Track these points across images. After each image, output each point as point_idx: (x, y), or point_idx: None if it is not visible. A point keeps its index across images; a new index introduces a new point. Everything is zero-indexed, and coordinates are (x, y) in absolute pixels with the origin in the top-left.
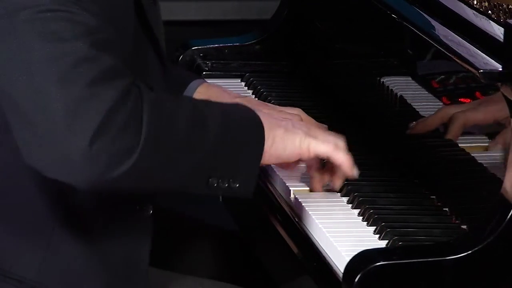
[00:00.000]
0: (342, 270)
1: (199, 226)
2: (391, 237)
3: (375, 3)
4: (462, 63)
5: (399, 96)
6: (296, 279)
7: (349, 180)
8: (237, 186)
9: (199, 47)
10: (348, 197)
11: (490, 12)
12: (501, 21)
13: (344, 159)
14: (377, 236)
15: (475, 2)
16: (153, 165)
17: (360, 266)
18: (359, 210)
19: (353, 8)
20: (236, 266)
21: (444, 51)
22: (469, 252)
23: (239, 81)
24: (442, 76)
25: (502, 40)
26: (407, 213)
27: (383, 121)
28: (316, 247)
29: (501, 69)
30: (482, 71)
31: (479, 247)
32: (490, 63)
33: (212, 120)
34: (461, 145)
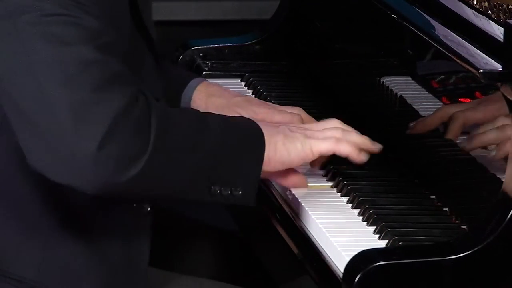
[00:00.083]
0: (342, 270)
1: (199, 226)
2: (391, 237)
3: (375, 3)
4: (462, 63)
5: (399, 96)
6: (296, 279)
7: (349, 180)
8: (240, 194)
9: (199, 47)
10: (348, 197)
11: (490, 12)
12: (501, 21)
13: (349, 150)
14: (377, 236)
15: (475, 2)
16: (159, 171)
17: (360, 266)
18: (359, 210)
19: (353, 8)
20: (236, 266)
21: (444, 51)
22: (469, 252)
23: (239, 81)
24: (442, 76)
25: (502, 40)
26: (407, 213)
27: (383, 121)
28: (316, 247)
29: (501, 69)
30: (482, 71)
31: (479, 247)
32: (490, 63)
33: (214, 126)
34: (461, 145)
